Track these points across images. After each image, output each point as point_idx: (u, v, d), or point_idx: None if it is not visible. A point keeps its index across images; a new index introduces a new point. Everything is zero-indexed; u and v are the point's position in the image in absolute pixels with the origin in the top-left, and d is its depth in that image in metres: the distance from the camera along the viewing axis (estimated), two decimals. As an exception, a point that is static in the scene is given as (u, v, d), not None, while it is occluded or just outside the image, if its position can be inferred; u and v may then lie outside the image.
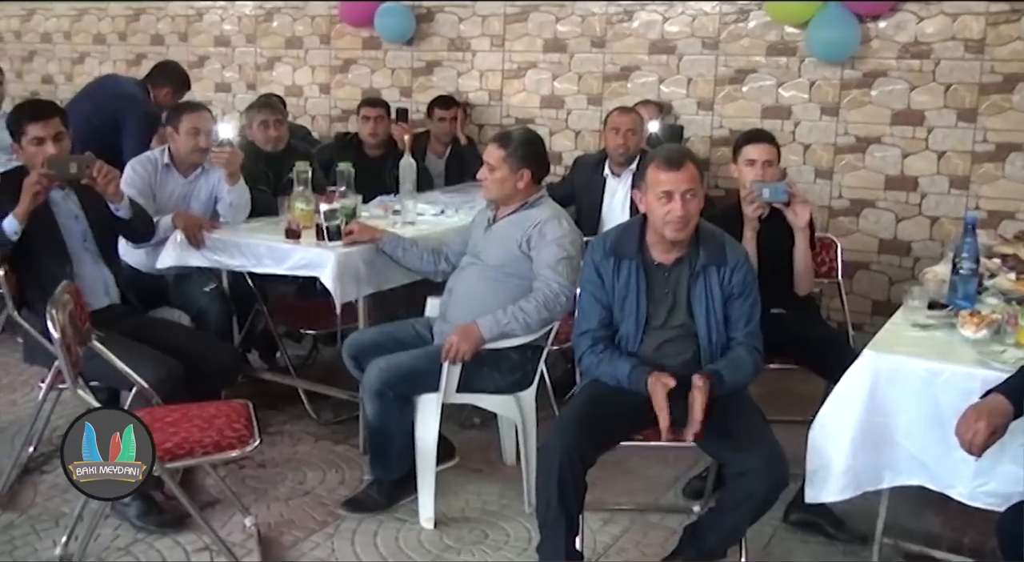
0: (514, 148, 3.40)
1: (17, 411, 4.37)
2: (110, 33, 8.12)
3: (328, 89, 7.02)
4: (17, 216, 3.30)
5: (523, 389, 3.42)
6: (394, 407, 3.27)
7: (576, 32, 6.05)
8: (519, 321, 3.25)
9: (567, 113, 6.14)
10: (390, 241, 3.75)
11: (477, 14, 6.35)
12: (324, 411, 4.30)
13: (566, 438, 2.73)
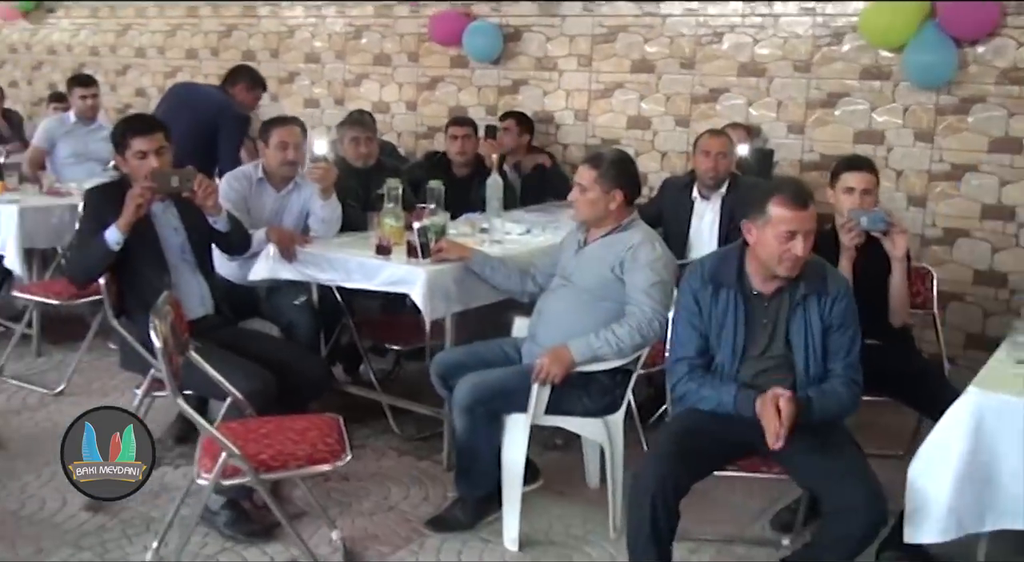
0: (606, 169, 3.38)
1: (107, 416, 4.44)
2: (202, 48, 8.32)
3: (415, 106, 7.09)
4: (120, 227, 3.38)
5: (611, 413, 3.38)
6: (483, 424, 3.27)
7: (665, 53, 6.02)
8: (611, 345, 3.22)
9: (654, 134, 6.11)
10: (479, 260, 3.75)
11: (565, 34, 6.35)
12: (407, 426, 4.31)
13: (660, 467, 2.70)
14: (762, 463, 2.91)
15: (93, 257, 3.46)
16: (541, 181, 5.83)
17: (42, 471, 3.78)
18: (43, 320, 5.27)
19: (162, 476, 3.77)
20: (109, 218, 3.40)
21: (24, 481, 3.71)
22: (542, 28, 6.44)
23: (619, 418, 3.41)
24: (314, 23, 7.60)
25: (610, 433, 3.39)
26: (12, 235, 5.03)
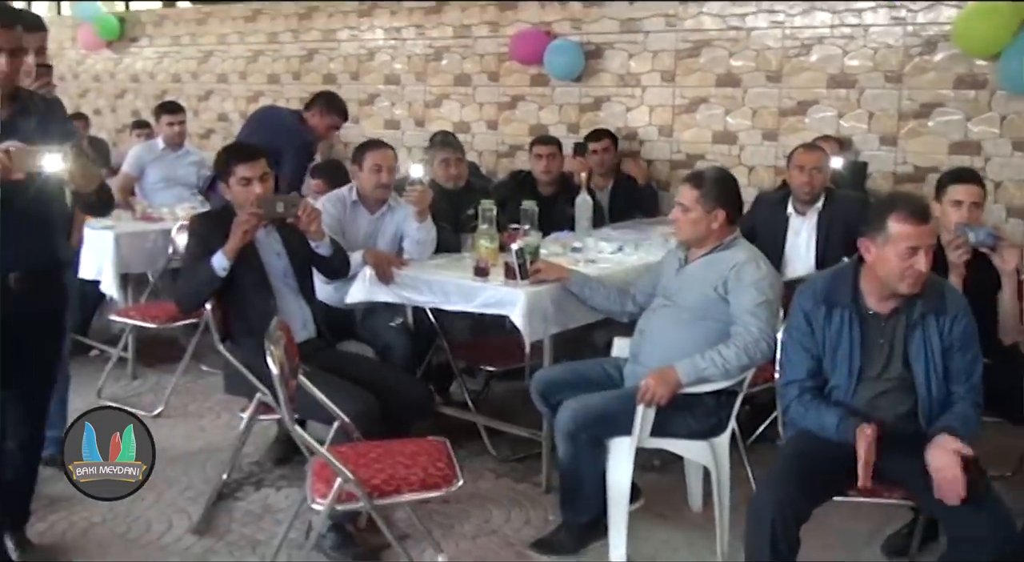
0: (708, 188, 3.35)
1: (207, 437, 4.51)
2: (284, 73, 8.46)
3: (495, 125, 7.12)
4: (226, 253, 3.44)
5: (717, 435, 3.32)
6: (587, 449, 3.24)
7: (751, 66, 5.96)
8: (718, 366, 3.18)
9: (740, 149, 6.04)
10: (578, 280, 3.73)
11: (648, 50, 6.33)
12: (501, 447, 4.29)
13: (779, 492, 2.64)
14: (882, 488, 2.83)
15: (200, 283, 3.52)
16: (628, 198, 5.80)
17: (145, 494, 3.79)
18: (137, 343, 5.36)
19: (264, 498, 3.81)
20: (215, 244, 3.46)
21: (128, 504, 3.71)
22: (624, 45, 6.43)
23: (725, 440, 3.35)
24: (394, 45, 7.69)
25: (716, 455, 3.33)
26: (109, 261, 5.11)
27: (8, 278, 2.87)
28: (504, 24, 6.96)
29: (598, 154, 5.87)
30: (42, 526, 3.51)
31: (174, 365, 5.42)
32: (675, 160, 6.27)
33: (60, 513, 3.63)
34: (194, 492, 3.86)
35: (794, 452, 2.85)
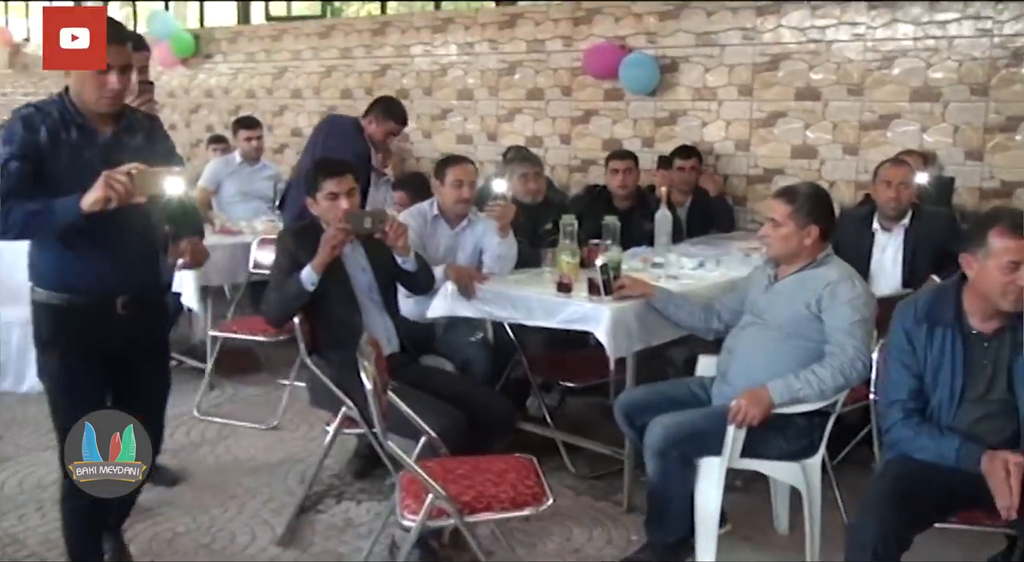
0: (801, 203, 3.29)
1: (286, 448, 4.53)
2: (357, 88, 8.54)
3: (568, 139, 7.10)
4: (315, 268, 3.46)
5: (809, 456, 3.25)
6: (676, 468, 3.19)
7: (831, 79, 5.87)
8: (813, 387, 3.11)
9: (820, 163, 5.95)
10: (662, 296, 3.69)
11: (724, 63, 6.27)
12: (579, 464, 4.25)
13: (881, 517, 2.57)
14: (986, 515, 2.73)
15: (289, 297, 3.54)
16: (705, 213, 5.74)
17: (228, 504, 3.87)
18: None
19: (345, 511, 3.82)
20: (303, 259, 3.49)
21: (212, 514, 3.79)
22: (701, 58, 6.37)
23: (817, 462, 3.28)
24: (467, 60, 7.71)
25: (807, 477, 3.26)
26: (189, 274, 5.16)
27: (116, 303, 2.81)
28: (578, 38, 6.94)
29: (685, 171, 5.80)
30: (130, 534, 3.54)
31: (248, 376, 5.51)
32: (752, 175, 6.19)
33: (146, 522, 3.67)
34: (276, 504, 3.88)
35: (897, 475, 2.76)
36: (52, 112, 2.69)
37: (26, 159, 2.62)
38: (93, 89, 2.67)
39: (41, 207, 2.58)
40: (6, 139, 2.64)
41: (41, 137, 2.65)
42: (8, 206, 2.58)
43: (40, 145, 2.64)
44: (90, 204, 2.51)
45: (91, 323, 2.78)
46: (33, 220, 2.59)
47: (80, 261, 2.72)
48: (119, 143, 2.75)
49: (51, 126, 2.67)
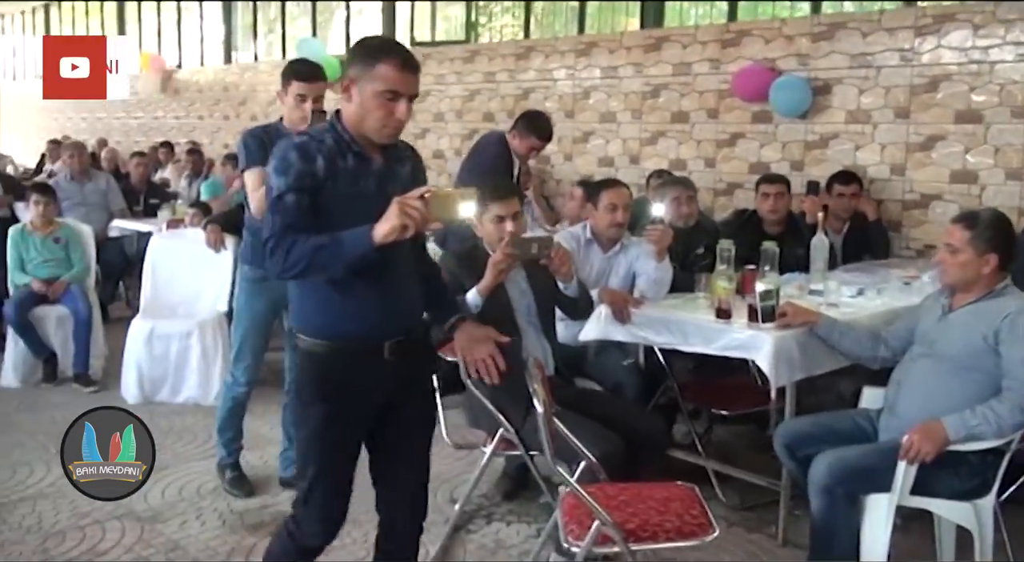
0: (982, 230, 3.18)
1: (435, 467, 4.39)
2: (499, 111, 8.64)
3: (713, 163, 7.02)
4: (480, 291, 3.51)
5: (981, 496, 3.13)
6: (842, 505, 3.11)
7: (994, 102, 5.64)
8: (991, 423, 3.00)
9: (981, 189, 5.72)
10: (826, 324, 3.60)
11: (880, 85, 6.11)
12: (729, 494, 4.18)
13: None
14: None
15: None
16: (859, 239, 5.60)
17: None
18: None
19: (496, 532, 3.85)
20: (466, 281, 3.54)
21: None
22: (855, 80, 6.22)
23: (990, 502, 3.15)
24: (611, 83, 7.72)
25: (979, 518, 3.14)
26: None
27: (384, 348, 2.57)
28: (726, 61, 6.87)
29: (845, 197, 5.66)
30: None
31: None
32: (907, 200, 6.00)
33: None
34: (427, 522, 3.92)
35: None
36: (327, 140, 2.48)
37: (302, 191, 2.42)
38: (379, 118, 2.45)
39: (327, 241, 2.37)
40: (280, 169, 2.44)
41: (318, 167, 2.44)
42: (289, 242, 2.39)
43: (316, 175, 2.43)
44: (384, 234, 2.30)
45: (359, 371, 2.55)
46: (319, 255, 2.37)
47: (350, 305, 2.52)
48: (392, 172, 2.56)
49: (327, 155, 2.46)
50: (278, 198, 2.43)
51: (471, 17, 10.00)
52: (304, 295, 2.58)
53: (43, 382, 5.77)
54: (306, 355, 2.58)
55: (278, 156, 2.46)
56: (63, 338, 5.82)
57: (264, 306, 4.11)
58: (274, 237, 2.42)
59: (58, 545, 3.66)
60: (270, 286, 3.95)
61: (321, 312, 2.55)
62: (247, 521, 3.92)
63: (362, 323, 2.54)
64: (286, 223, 2.41)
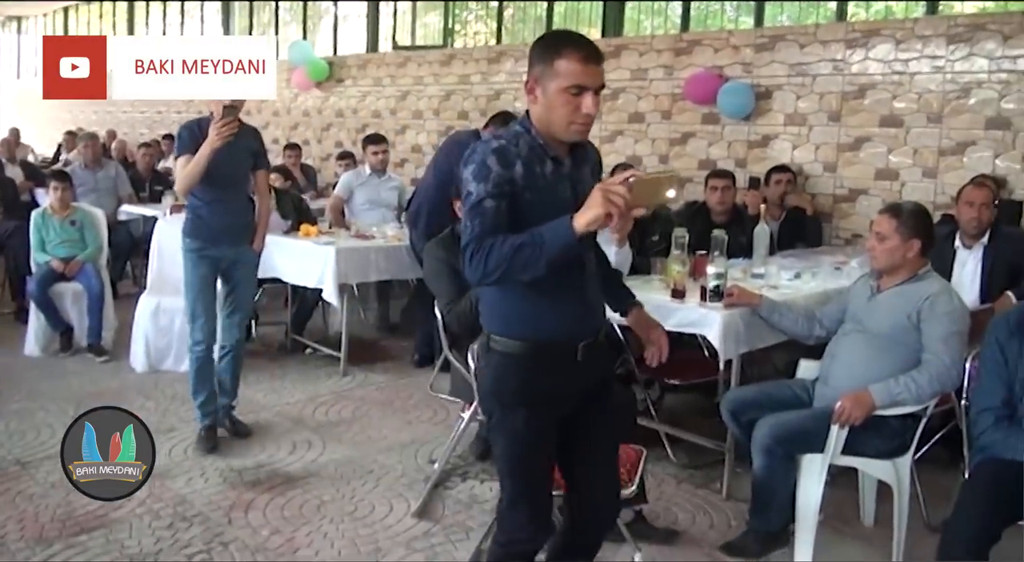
0: (906, 218, 3.24)
1: (414, 431, 4.59)
2: (473, 110, 8.64)
3: (667, 159, 7.08)
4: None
5: (900, 455, 3.20)
6: (781, 464, 3.16)
7: (913, 108, 5.74)
8: (911, 392, 3.06)
9: (901, 185, 5.83)
10: (767, 305, 3.65)
11: (815, 92, 6.18)
12: (679, 455, 4.22)
13: (977, 514, 2.53)
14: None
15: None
16: (795, 229, 5.66)
17: (367, 478, 3.95)
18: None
19: (470, 488, 3.86)
20: (458, 264, 3.50)
21: (353, 486, 3.87)
22: (793, 87, 6.29)
23: (908, 460, 3.22)
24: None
25: (899, 474, 3.21)
26: (330, 272, 5.27)
27: (577, 349, 2.29)
28: (678, 68, 6.92)
29: (781, 184, 5.76)
30: (280, 500, 3.67)
31: (375, 365, 5.60)
32: (838, 194, 6.10)
33: (296, 490, 3.79)
34: (408, 480, 3.95)
35: (986, 478, 2.70)
36: (521, 144, 2.18)
37: (502, 197, 2.12)
38: (565, 115, 2.14)
39: (526, 238, 2.06)
40: (479, 175, 2.13)
41: (516, 172, 2.14)
42: (487, 247, 2.08)
43: (516, 181, 2.14)
44: (587, 223, 1.99)
45: (555, 372, 2.28)
46: (520, 255, 2.05)
47: (547, 306, 2.24)
48: (580, 175, 2.27)
49: (525, 160, 2.16)
50: (477, 203, 2.12)
51: (448, 23, 9.97)
52: (500, 296, 2.28)
53: (60, 352, 5.71)
54: (503, 358, 2.29)
55: (477, 161, 2.15)
56: (78, 312, 5.76)
57: (207, 271, 4.15)
58: (473, 242, 2.11)
59: (79, 498, 3.63)
60: (209, 254, 4.10)
61: (519, 312, 2.26)
62: (246, 478, 3.91)
63: (560, 323, 2.26)
64: (485, 229, 2.11)
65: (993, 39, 5.42)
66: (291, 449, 4.25)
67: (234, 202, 4.16)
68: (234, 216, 4.16)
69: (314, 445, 4.31)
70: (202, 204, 4.07)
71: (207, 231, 4.08)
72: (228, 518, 3.53)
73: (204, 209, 4.07)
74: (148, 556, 3.22)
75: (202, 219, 4.08)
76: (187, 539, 3.34)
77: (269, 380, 5.30)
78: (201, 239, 4.09)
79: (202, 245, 4.09)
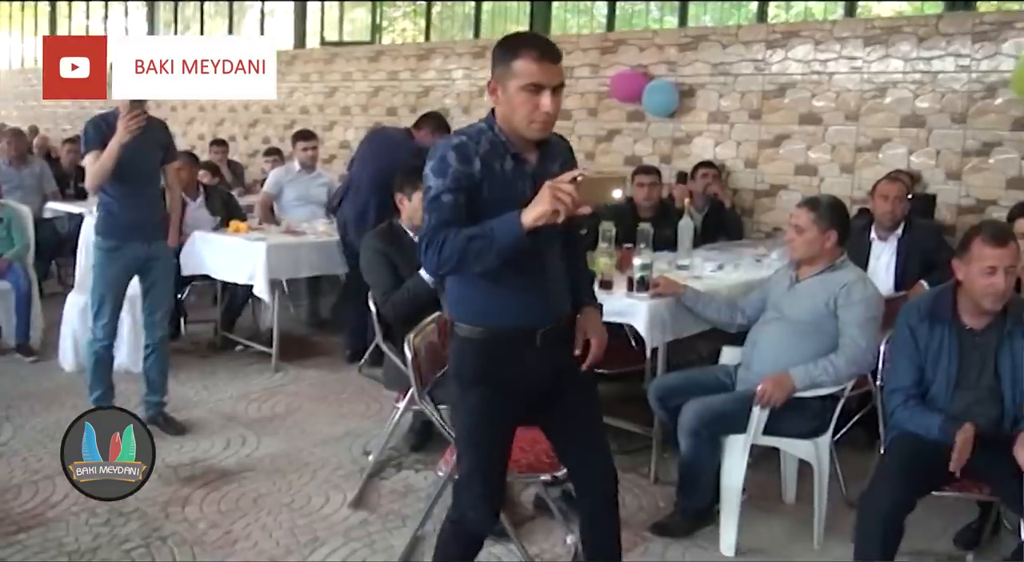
0: (823, 211, 3.39)
1: (347, 424, 4.60)
2: (402, 106, 8.67)
3: (593, 156, 7.22)
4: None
5: (820, 435, 3.35)
6: (706, 445, 3.29)
7: (831, 107, 5.97)
8: (830, 374, 3.22)
9: (820, 180, 6.06)
10: (691, 295, 3.79)
11: (736, 90, 6.38)
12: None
13: (893, 485, 2.69)
14: (972, 484, 2.88)
15: (423, 295, 3.65)
16: (716, 222, 5.84)
17: (302, 471, 3.97)
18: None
19: (405, 479, 3.91)
20: (394, 256, 3.61)
21: (289, 479, 3.88)
22: (715, 86, 6.48)
23: (827, 440, 3.38)
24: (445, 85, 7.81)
25: (818, 453, 3.36)
26: (261, 268, 5.24)
27: (536, 335, 2.36)
28: (604, 66, 7.06)
29: (707, 178, 5.93)
30: (216, 495, 3.67)
31: (308, 360, 5.61)
32: (759, 190, 6.30)
33: (232, 484, 3.79)
34: (344, 471, 3.97)
35: (901, 451, 2.88)
36: (483, 141, 2.26)
37: (460, 191, 2.20)
38: (525, 113, 2.21)
39: (478, 231, 2.15)
40: (438, 171, 2.22)
41: (475, 168, 2.22)
42: (441, 238, 2.17)
43: (474, 176, 2.22)
44: (534, 218, 2.07)
45: (513, 357, 2.36)
46: (471, 247, 2.15)
47: (505, 294, 2.32)
48: (545, 172, 2.27)
49: (484, 156, 2.23)
50: (435, 198, 2.21)
51: (376, 20, 9.97)
52: (461, 285, 2.37)
53: (-14, 353, 5.58)
54: (464, 342, 2.38)
55: (436, 157, 2.25)
56: (5, 312, 5.63)
57: (119, 271, 4.10)
58: (428, 233, 2.21)
59: (15, 498, 3.59)
60: (123, 253, 4.05)
61: (479, 301, 2.34)
62: (181, 474, 3.90)
63: (517, 311, 2.34)
64: (441, 221, 2.20)
65: (908, 41, 5.67)
66: (225, 445, 4.24)
67: (146, 197, 4.09)
68: (146, 211, 4.09)
69: (248, 440, 4.31)
70: (113, 200, 4.01)
71: (119, 228, 4.03)
72: (165, 513, 3.52)
73: (115, 205, 4.01)
74: (87, 553, 3.21)
75: (114, 216, 4.02)
76: (125, 534, 3.33)
77: (200, 378, 5.26)
78: (114, 237, 4.03)
79: (115, 243, 4.03)
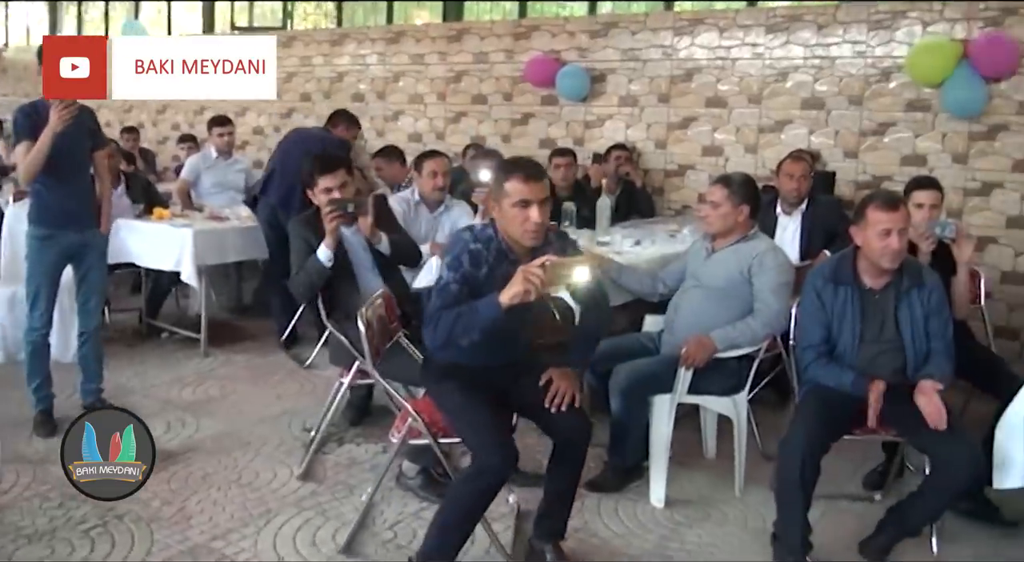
0: (736, 187, 3.66)
1: (283, 404, 4.70)
2: (315, 92, 8.69)
3: (509, 139, 7.40)
4: (328, 246, 3.76)
5: (738, 392, 3.64)
6: (636, 405, 3.54)
7: (735, 90, 6.30)
8: (746, 335, 3.50)
9: (725, 161, 6.38)
10: (614, 268, 4.03)
11: (646, 75, 6.65)
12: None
13: (808, 430, 2.98)
14: (879, 428, 3.16)
15: (313, 274, 3.83)
16: (629, 201, 6.12)
17: (246, 449, 4.06)
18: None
19: (348, 452, 4.06)
20: (314, 241, 3.81)
21: (234, 457, 3.98)
22: (625, 71, 6.74)
23: (744, 396, 3.66)
24: (418, 69, 7.95)
25: (737, 409, 3.64)
26: (188, 254, 5.27)
27: (502, 368, 2.98)
28: (518, 52, 7.24)
29: (620, 160, 6.19)
30: (165, 475, 3.73)
31: (236, 345, 5.66)
32: (668, 170, 6.60)
33: (178, 465, 3.87)
34: (287, 447, 4.09)
35: (814, 401, 3.16)
36: (491, 248, 2.79)
37: (464, 284, 2.73)
38: (518, 224, 2.72)
39: (465, 309, 2.66)
40: (452, 266, 2.76)
41: (481, 273, 2.76)
42: (438, 317, 2.69)
43: (479, 278, 2.75)
44: (510, 298, 2.55)
45: (477, 376, 2.91)
46: (459, 322, 2.66)
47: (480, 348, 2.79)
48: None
49: (491, 263, 2.78)
50: (444, 286, 2.74)
51: (287, 6, 9.93)
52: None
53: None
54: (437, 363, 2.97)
55: (453, 254, 2.79)
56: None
57: (55, 258, 4.11)
58: (433, 313, 2.72)
59: (-36, 491, 3.61)
60: (56, 241, 4.06)
61: (455, 355, 2.88)
62: (125, 456, 3.96)
63: (486, 357, 2.89)
64: (443, 305, 2.71)
65: (808, 29, 6.01)
66: (166, 428, 4.29)
67: (78, 185, 4.09)
68: (79, 199, 4.09)
69: (188, 423, 4.38)
70: (45, 189, 3.99)
71: (52, 217, 4.02)
72: (117, 494, 3.59)
73: (48, 195, 4.00)
74: (45, 534, 3.26)
75: (47, 205, 4.01)
76: (80, 516, 3.38)
77: (130, 365, 5.27)
78: (47, 226, 4.03)
79: (49, 231, 4.03)
